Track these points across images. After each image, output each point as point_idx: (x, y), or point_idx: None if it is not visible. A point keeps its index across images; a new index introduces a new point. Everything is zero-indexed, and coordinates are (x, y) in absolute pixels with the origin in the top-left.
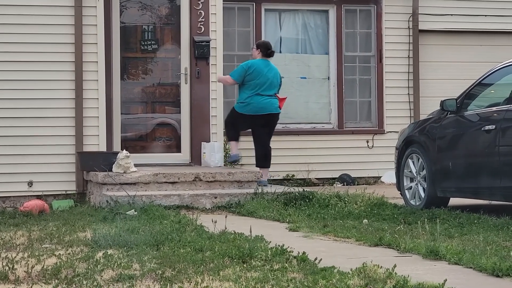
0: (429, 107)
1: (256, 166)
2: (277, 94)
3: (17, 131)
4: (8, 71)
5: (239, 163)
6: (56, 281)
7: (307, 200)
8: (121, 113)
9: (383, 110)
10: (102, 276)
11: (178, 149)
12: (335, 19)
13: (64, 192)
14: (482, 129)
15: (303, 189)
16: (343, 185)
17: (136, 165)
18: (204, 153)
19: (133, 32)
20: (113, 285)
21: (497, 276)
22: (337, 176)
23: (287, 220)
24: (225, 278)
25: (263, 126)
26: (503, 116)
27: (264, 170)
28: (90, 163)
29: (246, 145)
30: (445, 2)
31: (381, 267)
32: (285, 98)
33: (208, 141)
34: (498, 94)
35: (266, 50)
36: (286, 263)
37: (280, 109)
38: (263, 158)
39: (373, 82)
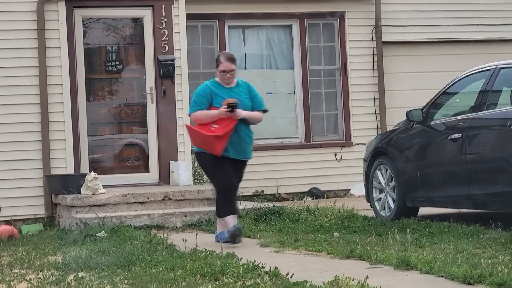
0: (395, 118)
1: None
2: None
3: None
4: None
5: None
6: None
7: (277, 215)
8: (88, 135)
9: (350, 123)
10: None
11: (146, 169)
12: (298, 34)
13: (33, 216)
14: (449, 138)
15: (273, 205)
16: (313, 199)
17: (105, 187)
18: (173, 172)
19: (97, 53)
20: None
21: (469, 283)
22: (306, 190)
23: (258, 236)
24: None
25: None
26: (469, 124)
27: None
28: (58, 186)
29: None
30: (407, 13)
31: (353, 279)
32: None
33: (176, 160)
34: (463, 103)
35: None
36: (258, 279)
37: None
38: None
39: (339, 95)
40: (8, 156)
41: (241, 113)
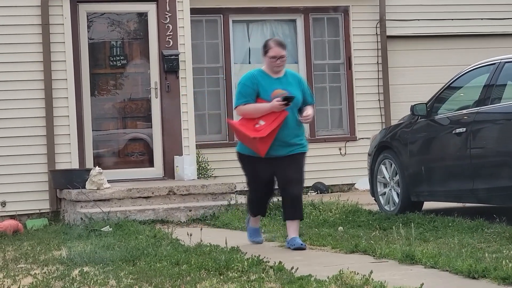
0: (400, 112)
1: None
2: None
3: None
4: None
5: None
6: None
7: (282, 210)
8: (93, 130)
9: (354, 117)
10: None
11: (151, 163)
12: (303, 28)
13: (38, 211)
14: (453, 132)
15: (277, 199)
16: (317, 193)
17: (109, 181)
18: (177, 166)
19: (102, 48)
20: None
21: (473, 278)
22: (311, 185)
23: (263, 230)
24: None
25: None
26: (473, 118)
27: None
28: (63, 181)
29: (216, 158)
30: (411, 7)
31: (358, 273)
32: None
33: (180, 154)
34: (468, 97)
35: None
36: (263, 273)
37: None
38: None
39: (343, 89)
40: (12, 151)
41: (308, 111)
